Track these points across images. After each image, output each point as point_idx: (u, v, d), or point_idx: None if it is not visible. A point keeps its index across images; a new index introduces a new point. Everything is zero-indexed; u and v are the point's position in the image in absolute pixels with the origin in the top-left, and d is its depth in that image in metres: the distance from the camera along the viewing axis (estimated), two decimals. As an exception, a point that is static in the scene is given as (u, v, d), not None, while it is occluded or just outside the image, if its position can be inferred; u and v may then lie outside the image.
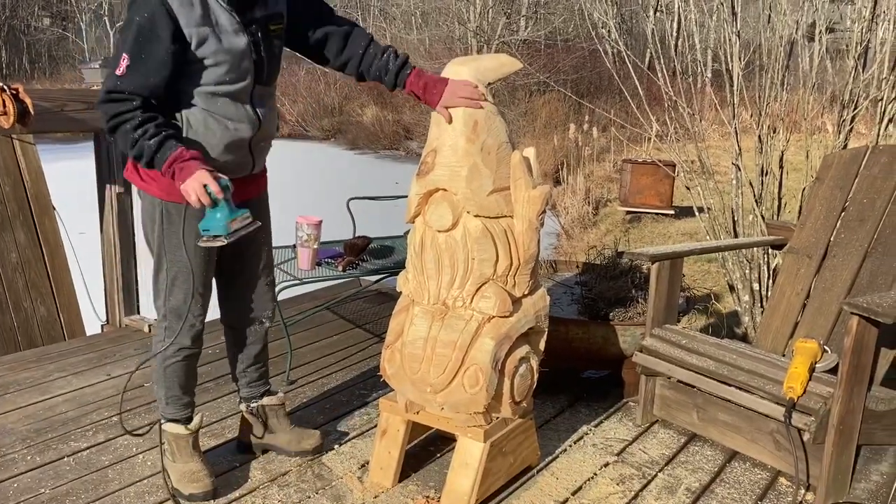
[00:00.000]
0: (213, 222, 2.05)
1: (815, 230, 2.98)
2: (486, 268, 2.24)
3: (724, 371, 2.55)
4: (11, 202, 4.72)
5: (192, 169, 1.99)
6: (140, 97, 1.99)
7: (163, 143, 1.99)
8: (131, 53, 1.97)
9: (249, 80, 2.16)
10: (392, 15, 26.57)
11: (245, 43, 2.12)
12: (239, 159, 2.25)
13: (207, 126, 2.13)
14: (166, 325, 2.33)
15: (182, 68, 2.04)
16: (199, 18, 2.02)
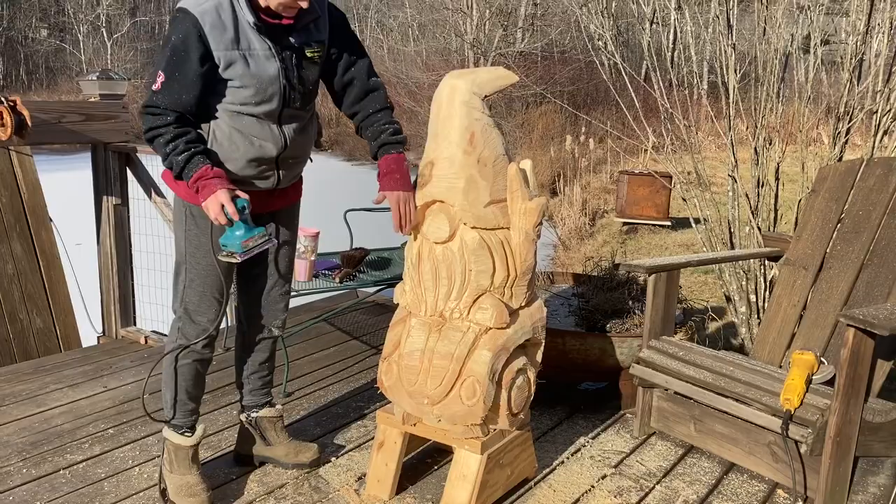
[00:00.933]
0: (230, 239, 2.13)
1: (812, 242, 2.99)
2: (483, 279, 2.24)
3: (721, 383, 2.55)
4: (8, 214, 4.72)
5: (213, 188, 2.06)
6: (174, 112, 2.08)
7: (190, 160, 2.08)
8: (166, 72, 2.07)
9: (276, 105, 2.20)
10: (389, 27, 26.70)
11: (275, 69, 2.17)
12: (262, 174, 2.28)
13: (232, 140, 2.18)
14: (179, 326, 2.36)
15: (213, 87, 2.13)
16: (229, 42, 2.09)
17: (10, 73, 31.60)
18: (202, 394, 2.49)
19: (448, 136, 2.24)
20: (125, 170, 4.34)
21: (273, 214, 2.44)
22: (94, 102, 4.38)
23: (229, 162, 2.20)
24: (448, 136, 2.24)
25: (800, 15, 4.16)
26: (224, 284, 2.34)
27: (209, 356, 2.43)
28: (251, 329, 2.56)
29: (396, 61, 23.33)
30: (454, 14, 21.12)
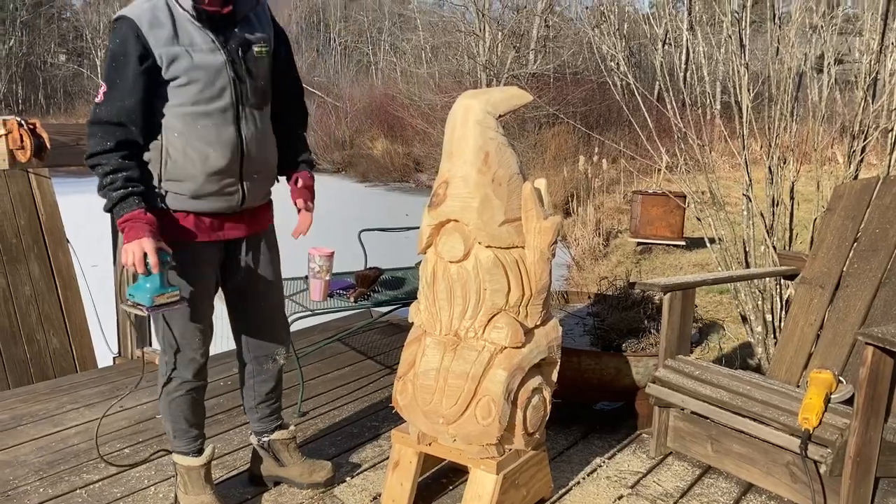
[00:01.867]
0: (140, 290, 2.04)
1: (828, 260, 2.98)
2: (498, 298, 2.24)
3: (738, 402, 2.53)
4: (26, 235, 4.76)
5: (140, 233, 2.00)
6: (117, 130, 2.02)
7: (125, 198, 2.03)
8: (108, 80, 2.04)
9: (229, 100, 2.13)
10: (402, 50, 26.90)
11: (221, 61, 2.10)
12: (225, 189, 2.18)
13: (187, 155, 2.10)
14: (166, 360, 2.32)
15: (157, 90, 2.05)
16: (168, 39, 2.03)
17: (29, 98, 32.04)
18: (203, 418, 2.46)
19: (462, 155, 2.25)
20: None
21: (245, 241, 2.34)
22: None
23: (188, 180, 2.12)
24: (462, 155, 2.25)
25: (813, 35, 4.16)
26: (205, 312, 2.29)
27: (203, 383, 2.39)
28: (253, 362, 2.52)
29: (409, 83, 23.50)
30: (466, 37, 21.28)
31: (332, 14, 38.91)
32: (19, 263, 4.71)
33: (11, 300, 4.61)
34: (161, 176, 2.11)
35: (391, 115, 22.00)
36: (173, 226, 2.16)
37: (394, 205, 15.82)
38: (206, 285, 2.28)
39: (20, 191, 4.79)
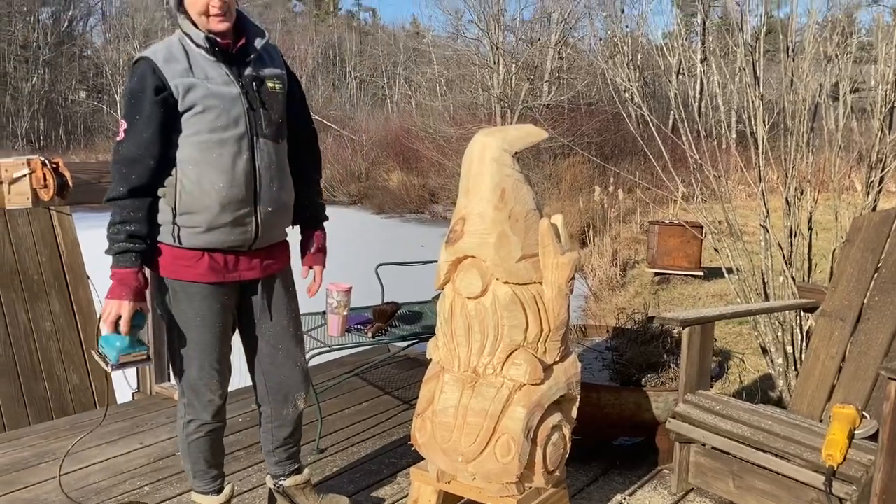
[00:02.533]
0: (110, 345, 2.10)
1: (848, 293, 2.95)
2: (517, 334, 2.24)
3: (760, 437, 2.50)
4: (48, 272, 4.82)
5: (123, 294, 2.07)
6: (135, 168, 2.07)
7: (123, 253, 2.09)
8: (127, 117, 2.10)
9: (244, 128, 2.15)
10: (417, 83, 27.15)
11: (236, 92, 2.16)
12: (239, 221, 2.18)
13: (201, 185, 2.11)
14: (185, 402, 2.32)
15: (174, 123, 2.10)
16: (183, 71, 2.10)
17: (50, 134, 32.55)
18: (223, 458, 2.46)
19: (479, 192, 2.27)
20: (161, 227, 4.42)
21: (261, 283, 2.34)
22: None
23: (203, 211, 2.12)
24: (479, 192, 2.27)
25: (827, 64, 4.17)
26: (221, 353, 2.29)
27: (222, 424, 2.39)
28: (271, 405, 2.48)
29: (424, 116, 23.69)
30: (481, 69, 21.46)
31: (348, 49, 39.41)
32: (40, 300, 4.76)
33: (32, 336, 4.65)
34: (176, 210, 2.13)
35: (406, 147, 22.15)
36: (188, 267, 2.18)
37: (410, 236, 15.86)
38: (223, 328, 2.28)
39: (42, 228, 4.86)
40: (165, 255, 2.17)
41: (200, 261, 2.18)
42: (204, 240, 2.16)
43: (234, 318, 2.35)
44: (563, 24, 21.52)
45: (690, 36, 21.06)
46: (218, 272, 2.21)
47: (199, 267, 2.18)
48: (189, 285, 2.17)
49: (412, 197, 20.98)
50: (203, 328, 2.22)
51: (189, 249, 2.16)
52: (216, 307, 2.23)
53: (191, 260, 2.17)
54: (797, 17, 4.32)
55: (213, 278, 2.20)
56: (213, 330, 2.24)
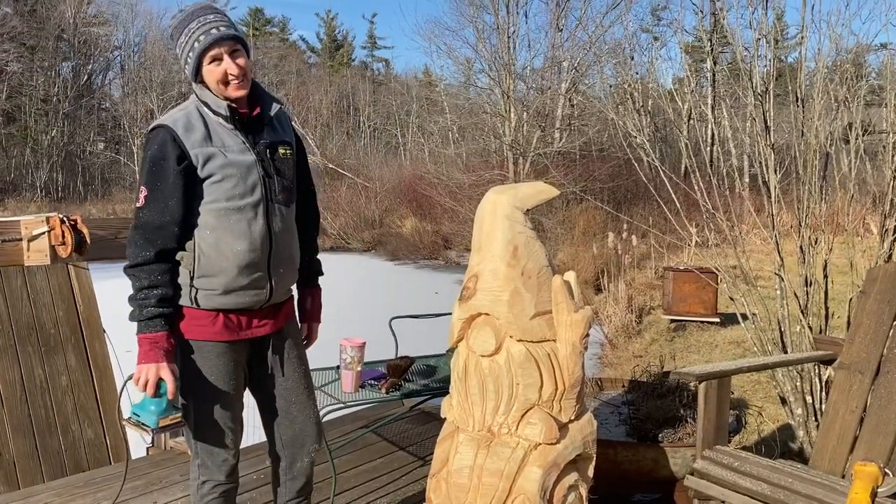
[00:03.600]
0: (146, 412, 2.09)
1: (866, 345, 2.92)
2: (531, 393, 2.23)
3: (780, 496, 2.46)
4: (64, 326, 4.84)
5: (158, 357, 2.08)
6: (159, 234, 2.11)
7: (153, 318, 2.10)
8: (148, 184, 2.12)
9: (259, 195, 2.21)
10: (430, 131, 27.43)
11: (252, 160, 2.21)
12: (255, 284, 2.22)
13: (219, 250, 2.16)
14: (199, 462, 2.31)
15: (194, 189, 2.14)
16: (202, 139, 2.14)
17: (67, 185, 33.01)
18: None
19: (492, 249, 2.29)
20: (177, 281, 4.46)
21: (271, 338, 2.36)
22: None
23: (220, 275, 2.16)
24: (492, 249, 2.29)
25: (837, 110, 4.18)
26: (235, 410, 2.29)
27: (235, 485, 2.38)
28: (287, 458, 2.48)
29: (437, 163, 23.88)
30: (492, 117, 21.67)
31: (362, 98, 39.97)
32: (56, 354, 4.78)
33: (48, 391, 4.66)
34: (193, 273, 2.16)
35: (419, 194, 22.30)
36: (204, 326, 2.20)
37: (424, 282, 15.87)
38: (236, 385, 2.29)
39: (59, 283, 4.89)
40: (184, 317, 2.19)
41: (216, 320, 2.21)
42: (220, 301, 2.19)
43: (246, 375, 2.37)
44: (573, 73, 21.77)
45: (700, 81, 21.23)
46: (232, 331, 2.24)
47: (214, 326, 2.20)
48: (204, 344, 2.20)
49: (426, 243, 21.05)
50: (217, 387, 2.23)
51: (205, 310, 2.20)
52: (230, 365, 2.26)
53: (206, 320, 2.20)
54: (806, 62, 4.35)
55: (228, 337, 2.23)
56: (226, 388, 2.25)
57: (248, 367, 2.38)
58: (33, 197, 29.44)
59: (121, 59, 37.71)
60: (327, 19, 51.66)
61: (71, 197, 31.27)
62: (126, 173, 33.90)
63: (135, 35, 37.89)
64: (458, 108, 24.25)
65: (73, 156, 34.01)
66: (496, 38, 21.16)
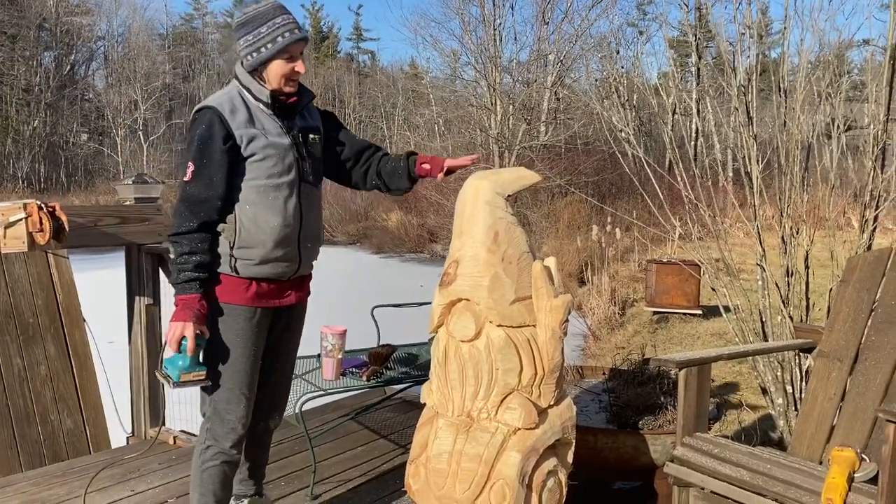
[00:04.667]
0: (173, 364, 2.25)
1: (845, 333, 2.94)
2: (511, 378, 2.22)
3: (759, 481, 2.47)
4: (43, 315, 4.80)
5: (187, 316, 2.23)
6: (203, 207, 2.27)
7: (190, 281, 2.27)
8: (195, 161, 2.28)
9: (294, 175, 2.39)
10: (416, 124, 27.38)
11: (288, 142, 2.39)
12: (288, 256, 2.40)
13: (258, 224, 2.32)
14: (209, 427, 2.41)
15: (237, 167, 2.32)
16: (244, 122, 2.32)
17: (50, 177, 32.71)
18: (230, 496, 2.50)
19: (472, 234, 2.28)
20: (157, 270, 4.41)
21: (290, 310, 2.52)
22: (129, 206, 4.51)
23: (258, 246, 2.33)
24: (472, 234, 2.28)
25: (820, 104, 4.20)
26: (251, 379, 2.40)
27: (237, 458, 2.45)
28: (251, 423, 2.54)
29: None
30: (478, 110, 21.66)
31: (347, 90, 39.86)
32: (35, 343, 4.73)
33: (27, 380, 4.61)
34: (234, 244, 2.33)
35: (405, 187, 22.22)
36: (239, 292, 2.36)
37: (408, 275, 15.86)
38: (256, 351, 2.42)
39: (38, 271, 4.85)
40: (221, 283, 2.35)
41: (250, 287, 2.37)
42: (256, 270, 2.36)
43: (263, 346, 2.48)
44: (559, 66, 21.78)
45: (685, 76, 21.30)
46: (262, 298, 2.40)
47: (248, 293, 2.37)
48: (236, 307, 2.35)
49: (411, 237, 21.04)
50: (240, 350, 2.36)
51: (242, 278, 2.36)
52: (256, 329, 2.40)
53: (242, 286, 2.37)
54: (789, 57, 4.37)
55: (258, 303, 2.39)
56: (248, 354, 2.38)
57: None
58: (15, 188, 29.15)
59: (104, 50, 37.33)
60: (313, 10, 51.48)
61: (54, 188, 31.00)
62: (110, 164, 33.63)
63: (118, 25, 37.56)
64: (444, 100, 24.22)
65: (56, 146, 33.70)
66: (482, 30, 21.15)
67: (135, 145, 34.27)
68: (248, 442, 2.55)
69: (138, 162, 32.34)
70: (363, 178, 2.66)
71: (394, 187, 2.65)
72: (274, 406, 2.63)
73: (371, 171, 2.65)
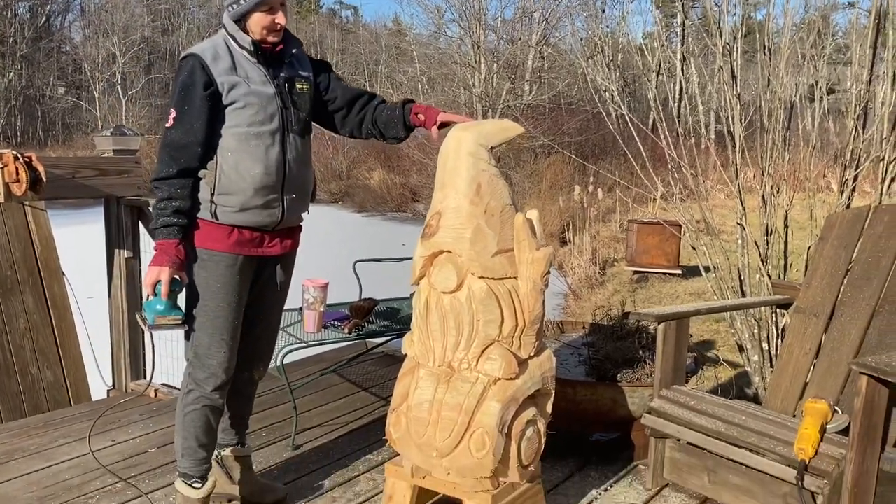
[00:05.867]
0: (150, 308, 2.28)
1: (821, 289, 2.98)
2: (492, 329, 2.24)
3: (734, 432, 2.52)
4: (21, 268, 4.75)
5: (164, 261, 2.26)
6: (184, 153, 2.28)
7: (167, 227, 2.28)
8: (177, 107, 2.30)
9: (277, 124, 2.37)
10: (399, 81, 27.10)
11: (272, 91, 2.38)
12: (268, 205, 2.38)
13: (238, 171, 2.32)
14: (190, 371, 2.42)
15: (218, 114, 2.32)
16: (227, 69, 2.31)
17: (27, 131, 32.13)
18: (214, 444, 2.52)
19: (455, 186, 2.27)
20: (137, 223, 4.38)
21: (276, 260, 2.52)
22: (107, 158, 4.45)
23: (237, 193, 2.32)
24: (455, 186, 2.27)
25: (805, 63, 4.20)
26: (233, 326, 2.41)
27: (220, 403, 2.45)
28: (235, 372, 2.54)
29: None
30: (462, 68, 21.46)
31: (330, 46, 39.30)
32: (14, 296, 4.69)
33: (6, 333, 4.58)
34: (214, 190, 2.33)
35: (388, 147, 22.09)
36: (219, 239, 2.36)
37: (390, 235, 15.84)
38: (238, 300, 2.41)
39: (16, 223, 4.79)
40: (201, 229, 2.35)
41: (231, 234, 2.37)
42: (236, 218, 2.35)
43: (248, 296, 2.48)
44: (544, 24, 21.57)
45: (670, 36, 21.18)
46: (244, 245, 2.40)
47: (228, 240, 2.37)
48: (217, 254, 2.36)
49: (393, 196, 20.95)
50: (221, 296, 2.37)
51: (223, 225, 2.36)
52: (237, 278, 2.40)
53: (222, 233, 2.36)
54: (774, 18, 4.35)
55: (239, 250, 2.39)
56: (229, 300, 2.38)
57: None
58: (-10, 141, 28.63)
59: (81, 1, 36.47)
60: (295, -36, 50.43)
61: (30, 142, 30.47)
62: (88, 119, 33.06)
63: (95, -25, 36.62)
64: (428, 58, 23.97)
65: (32, 100, 33.06)
66: (467, -14, 20.84)
67: (113, 100, 33.67)
68: (232, 391, 2.55)
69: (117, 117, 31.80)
70: (358, 127, 2.65)
71: (389, 136, 2.63)
72: (258, 357, 2.63)
73: (367, 120, 2.63)
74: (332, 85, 2.61)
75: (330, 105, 2.61)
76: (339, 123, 2.66)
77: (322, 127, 2.70)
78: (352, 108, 2.63)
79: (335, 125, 2.67)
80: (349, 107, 2.63)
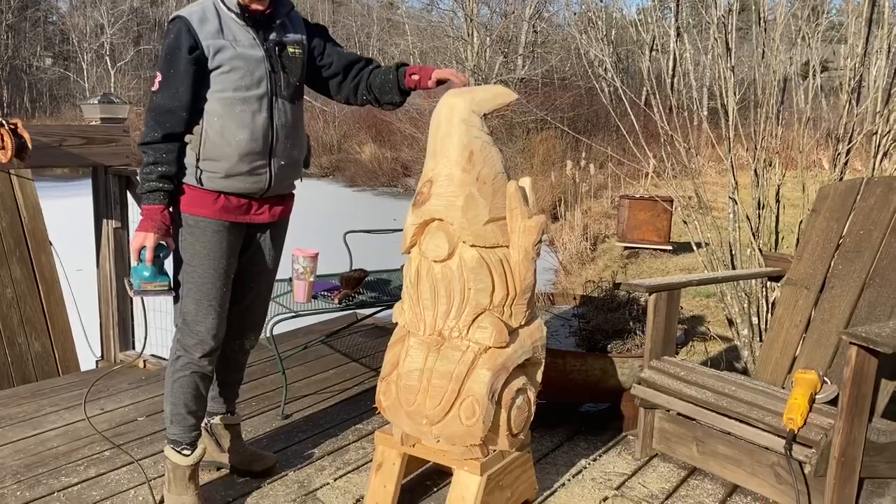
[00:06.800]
0: (136, 273, 2.27)
1: (813, 262, 2.98)
2: (483, 298, 2.22)
3: (723, 403, 2.52)
4: (8, 237, 4.71)
5: (149, 227, 2.24)
6: (169, 117, 2.24)
7: (153, 192, 2.26)
8: (162, 71, 2.26)
9: (265, 89, 2.32)
10: (391, 55, 26.89)
11: (260, 55, 2.32)
12: (255, 171, 2.34)
13: (224, 136, 2.28)
14: (178, 337, 2.40)
15: (203, 79, 2.27)
16: (214, 32, 2.26)
17: (14, 101, 31.81)
18: (203, 411, 2.50)
19: (447, 153, 2.24)
20: (125, 193, 4.33)
21: (265, 228, 2.48)
22: (95, 126, 4.39)
23: (223, 159, 2.29)
24: (447, 153, 2.24)
25: (798, 39, 4.17)
26: (221, 293, 2.38)
27: (209, 370, 2.43)
28: (226, 341, 2.53)
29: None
30: (455, 41, 21.30)
31: (321, 18, 38.89)
32: (1, 266, 4.66)
33: (-8, 303, 4.55)
34: (199, 156, 2.29)
35: (379, 120, 21.99)
36: (205, 205, 2.32)
37: (381, 209, 15.80)
38: (226, 267, 2.38)
39: (2, 193, 4.74)
40: (187, 194, 2.32)
41: (217, 201, 2.33)
42: (222, 184, 2.32)
43: (236, 263, 2.45)
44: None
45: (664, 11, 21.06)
46: (230, 212, 2.36)
47: (215, 206, 2.33)
48: (203, 220, 2.32)
49: (384, 170, 20.87)
50: (207, 262, 2.34)
51: (208, 190, 2.32)
52: (224, 244, 2.36)
53: (208, 199, 2.33)
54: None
55: (226, 217, 2.35)
56: (216, 266, 2.35)
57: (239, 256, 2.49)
58: (-23, 112, 28.32)
59: (67, -30, 35.94)
60: (286, -64, 49.71)
61: (18, 113, 30.19)
62: (76, 90, 32.72)
63: (82, -57, 36.06)
64: (420, 30, 23.77)
65: (19, 70, 32.68)
66: (460, -42, 20.63)
67: (101, 71, 33.34)
68: (222, 360, 2.53)
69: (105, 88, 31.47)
70: (353, 92, 2.60)
71: (385, 101, 2.58)
72: (249, 326, 2.61)
73: (361, 85, 2.58)
74: (327, 50, 2.56)
75: (325, 70, 2.56)
76: (335, 89, 2.61)
77: (316, 92, 2.65)
78: (347, 74, 2.58)
79: (330, 91, 2.62)
80: (345, 72, 2.58)
